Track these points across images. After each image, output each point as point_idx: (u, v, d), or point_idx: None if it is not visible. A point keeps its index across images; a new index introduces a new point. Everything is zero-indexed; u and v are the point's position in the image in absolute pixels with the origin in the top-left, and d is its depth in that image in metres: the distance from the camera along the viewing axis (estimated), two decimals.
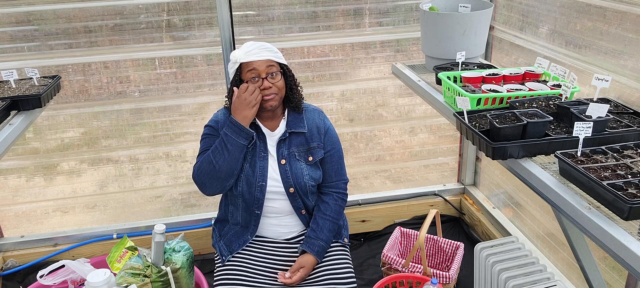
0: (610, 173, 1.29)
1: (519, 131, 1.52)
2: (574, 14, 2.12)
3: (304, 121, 2.06)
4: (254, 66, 1.91)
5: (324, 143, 2.08)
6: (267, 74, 1.92)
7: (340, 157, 2.13)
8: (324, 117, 2.12)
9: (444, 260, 2.63)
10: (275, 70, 1.95)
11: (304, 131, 2.04)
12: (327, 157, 2.09)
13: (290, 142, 2.03)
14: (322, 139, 2.07)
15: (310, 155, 2.04)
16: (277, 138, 2.03)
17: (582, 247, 1.65)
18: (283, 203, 2.04)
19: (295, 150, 2.03)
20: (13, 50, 2.53)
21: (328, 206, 2.08)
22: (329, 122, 2.13)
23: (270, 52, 1.95)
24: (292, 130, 2.03)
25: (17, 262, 2.76)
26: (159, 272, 1.94)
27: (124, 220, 2.94)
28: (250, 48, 1.94)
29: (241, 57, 1.93)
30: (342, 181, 2.14)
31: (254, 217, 2.05)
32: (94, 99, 2.71)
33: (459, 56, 2.15)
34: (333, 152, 2.10)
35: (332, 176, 2.11)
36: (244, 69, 1.93)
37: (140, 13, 2.58)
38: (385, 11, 2.78)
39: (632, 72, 1.84)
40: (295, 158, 2.02)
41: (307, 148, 2.04)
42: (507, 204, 2.83)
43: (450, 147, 3.16)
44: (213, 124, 2.04)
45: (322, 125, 2.09)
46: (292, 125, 2.04)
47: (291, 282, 1.93)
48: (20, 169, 2.77)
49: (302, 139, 2.05)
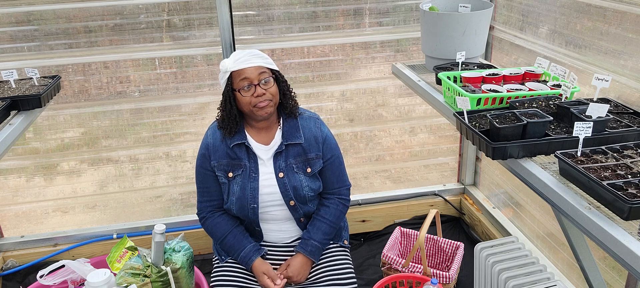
0: (610, 173, 1.29)
1: (519, 131, 1.52)
2: (574, 14, 2.12)
3: (300, 130, 2.00)
4: (246, 74, 1.86)
5: (323, 152, 2.03)
6: (259, 81, 1.86)
7: (341, 163, 2.09)
8: (320, 124, 2.06)
9: (444, 260, 2.63)
10: (267, 76, 1.89)
11: (300, 142, 1.99)
12: (327, 165, 2.04)
13: (287, 154, 1.99)
14: (320, 148, 2.02)
15: (308, 167, 1.99)
16: (273, 151, 1.99)
17: (582, 247, 1.65)
18: (284, 212, 2.03)
19: (293, 162, 1.98)
20: (13, 50, 2.53)
21: (328, 210, 2.05)
22: (326, 129, 2.07)
23: (261, 58, 1.89)
24: (288, 142, 1.98)
25: (17, 262, 2.76)
26: (159, 272, 1.94)
27: (124, 220, 2.94)
28: (239, 55, 1.89)
29: (231, 66, 1.87)
30: (345, 187, 2.11)
31: (256, 233, 2.06)
32: (94, 99, 2.70)
33: (459, 56, 2.15)
34: (333, 159, 2.05)
35: (334, 183, 2.07)
36: (236, 78, 1.88)
37: (140, 13, 2.57)
38: (385, 11, 2.78)
39: (632, 72, 1.84)
40: (293, 171, 1.98)
41: (305, 158, 1.99)
42: (507, 204, 2.83)
43: (450, 147, 3.16)
44: (204, 152, 2.00)
45: (320, 134, 2.02)
46: (289, 137, 1.98)
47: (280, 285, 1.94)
48: (20, 169, 2.77)
49: (299, 149, 1.99)
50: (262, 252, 2.01)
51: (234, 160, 1.97)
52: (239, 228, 2.03)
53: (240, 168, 1.97)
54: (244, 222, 2.05)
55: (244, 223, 2.05)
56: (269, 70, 1.92)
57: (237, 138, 1.96)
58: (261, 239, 2.07)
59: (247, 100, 1.88)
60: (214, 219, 2.03)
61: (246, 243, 2.00)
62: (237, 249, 1.99)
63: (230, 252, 2.02)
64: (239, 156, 1.97)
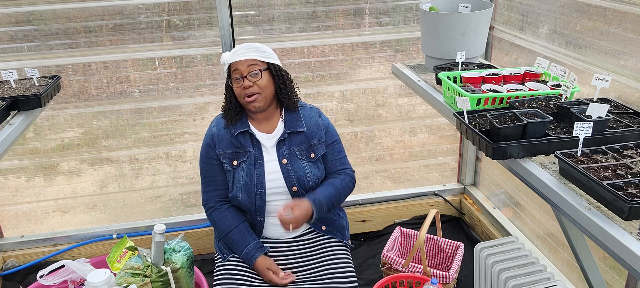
0: (610, 173, 1.29)
1: (519, 131, 1.52)
2: (574, 14, 2.12)
3: (301, 120, 2.06)
4: (237, 66, 1.94)
5: (325, 138, 2.08)
6: (247, 73, 1.93)
7: (342, 149, 2.14)
8: (321, 113, 2.13)
9: (444, 260, 2.63)
10: (258, 69, 1.94)
11: (303, 130, 2.04)
12: (329, 149, 2.09)
13: (291, 142, 2.03)
14: (322, 134, 2.07)
15: (312, 152, 2.04)
16: (275, 139, 2.03)
17: (582, 247, 1.65)
18: (286, 202, 2.03)
19: (296, 149, 2.03)
20: (13, 50, 2.53)
21: (334, 179, 2.07)
22: (326, 118, 2.13)
23: (256, 51, 1.96)
24: (291, 131, 2.03)
25: (17, 262, 2.76)
26: (159, 272, 1.94)
27: (124, 220, 2.94)
28: (237, 49, 1.97)
29: (228, 59, 1.97)
30: (349, 168, 2.14)
31: (258, 223, 2.06)
32: (94, 99, 2.71)
33: (459, 56, 2.15)
34: (335, 143, 2.11)
35: (337, 165, 2.11)
36: (232, 70, 1.97)
37: (140, 13, 2.57)
38: (385, 11, 2.78)
39: (632, 72, 1.84)
40: (296, 157, 2.02)
41: (308, 145, 2.04)
42: (507, 204, 2.83)
43: (450, 147, 3.16)
44: (209, 141, 2.05)
45: (322, 122, 2.09)
46: (290, 126, 2.04)
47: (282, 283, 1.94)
48: (20, 169, 2.77)
49: (302, 137, 2.04)
50: (265, 250, 2.02)
51: (239, 148, 2.02)
52: (244, 224, 2.04)
53: (245, 155, 2.01)
54: (247, 215, 2.05)
55: (247, 215, 2.06)
56: (263, 63, 1.96)
57: (240, 126, 2.02)
58: (262, 232, 2.07)
59: (238, 91, 1.98)
60: (221, 212, 2.05)
61: (250, 240, 2.01)
62: (240, 245, 2.00)
63: (233, 248, 2.03)
64: (243, 144, 2.02)
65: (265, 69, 1.97)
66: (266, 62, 1.97)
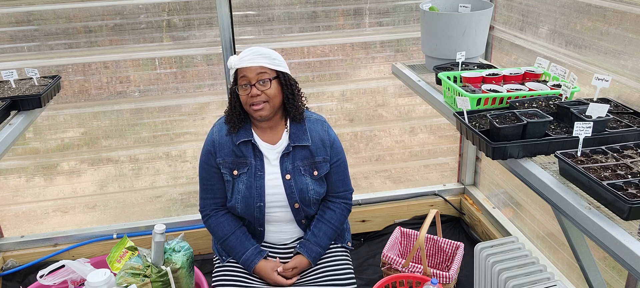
0: (610, 173, 1.29)
1: (519, 131, 1.52)
2: (574, 14, 2.12)
3: (307, 133, 1.99)
4: (245, 73, 1.85)
5: (330, 155, 2.02)
6: (256, 81, 1.85)
7: (346, 167, 2.09)
8: (327, 127, 2.04)
9: (444, 260, 2.63)
10: (267, 77, 1.86)
11: (307, 144, 1.97)
12: (333, 168, 2.04)
13: (294, 156, 1.97)
14: (327, 152, 2.01)
15: (315, 170, 1.99)
16: (279, 151, 1.98)
17: (582, 247, 1.65)
18: (286, 214, 2.02)
19: (300, 164, 1.97)
20: (13, 50, 2.54)
21: (333, 214, 2.05)
22: (333, 133, 2.06)
23: (266, 58, 1.87)
24: (295, 144, 1.97)
25: (17, 262, 2.76)
26: (159, 272, 1.94)
27: (124, 220, 2.94)
28: (245, 54, 1.88)
29: (236, 63, 1.88)
30: (349, 191, 2.11)
31: (258, 233, 2.05)
32: (94, 99, 2.71)
33: (459, 56, 2.15)
34: (339, 163, 2.05)
35: (340, 186, 2.07)
36: (238, 75, 1.89)
37: (140, 13, 2.58)
38: (385, 11, 2.78)
39: (632, 72, 1.84)
40: (300, 172, 1.97)
41: (312, 162, 1.99)
42: (507, 204, 2.83)
43: (450, 147, 3.16)
44: (209, 148, 1.99)
45: (327, 138, 2.01)
46: (296, 138, 1.97)
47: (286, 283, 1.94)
48: (20, 169, 2.77)
49: (307, 152, 1.98)
50: (264, 254, 2.00)
51: (240, 157, 1.96)
52: (241, 230, 2.02)
53: (245, 166, 1.96)
54: (246, 222, 2.04)
55: (245, 222, 2.05)
56: (273, 71, 1.89)
57: (243, 135, 1.96)
58: (262, 239, 2.07)
59: (244, 98, 1.89)
60: (217, 218, 2.03)
61: (248, 246, 1.99)
62: (239, 251, 1.99)
63: (232, 254, 2.02)
64: (244, 154, 1.96)
65: (274, 77, 1.88)
66: (276, 70, 1.89)
